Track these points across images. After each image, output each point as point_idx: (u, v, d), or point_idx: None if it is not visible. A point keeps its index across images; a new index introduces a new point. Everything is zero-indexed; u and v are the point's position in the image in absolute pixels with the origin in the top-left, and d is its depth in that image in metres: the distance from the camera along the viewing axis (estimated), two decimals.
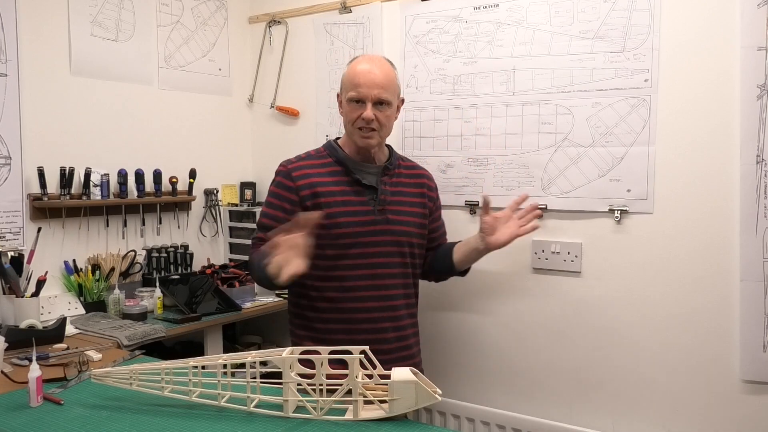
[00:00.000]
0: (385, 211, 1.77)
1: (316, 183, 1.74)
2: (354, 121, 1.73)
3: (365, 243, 1.74)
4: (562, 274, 2.18)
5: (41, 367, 1.37)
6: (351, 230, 1.72)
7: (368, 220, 1.74)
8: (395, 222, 1.78)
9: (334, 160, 1.79)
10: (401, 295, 1.82)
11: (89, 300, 2.25)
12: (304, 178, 1.75)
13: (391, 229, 1.77)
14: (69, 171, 2.25)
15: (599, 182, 2.10)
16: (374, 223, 1.74)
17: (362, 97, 1.71)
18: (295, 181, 1.75)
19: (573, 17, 2.12)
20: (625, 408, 2.09)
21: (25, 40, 2.18)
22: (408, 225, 1.81)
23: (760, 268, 1.84)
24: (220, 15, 2.88)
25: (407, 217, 1.82)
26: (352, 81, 1.74)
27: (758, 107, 1.82)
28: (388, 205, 1.78)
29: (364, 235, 1.73)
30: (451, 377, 2.41)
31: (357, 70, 1.74)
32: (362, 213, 1.74)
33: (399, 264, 1.80)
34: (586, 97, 2.10)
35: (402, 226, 1.80)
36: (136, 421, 1.22)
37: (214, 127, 2.86)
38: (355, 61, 1.79)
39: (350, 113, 1.74)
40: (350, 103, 1.74)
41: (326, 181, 1.75)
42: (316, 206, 1.70)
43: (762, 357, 1.86)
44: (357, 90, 1.72)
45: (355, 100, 1.72)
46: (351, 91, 1.73)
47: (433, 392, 1.18)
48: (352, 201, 1.74)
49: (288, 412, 1.22)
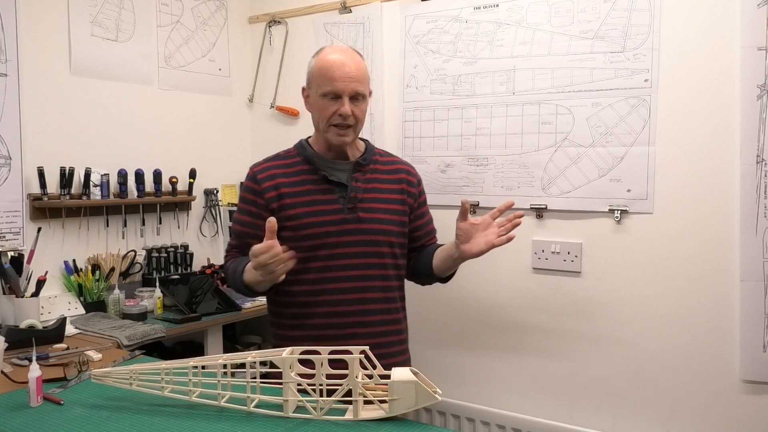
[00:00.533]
0: (356, 209, 1.64)
1: (281, 184, 1.65)
2: (329, 118, 1.62)
3: (335, 244, 1.62)
4: (562, 274, 2.18)
5: (41, 367, 1.37)
6: (318, 230, 1.61)
7: (337, 219, 1.62)
8: (369, 220, 1.65)
9: (303, 159, 1.69)
10: (378, 298, 1.67)
11: (89, 300, 2.25)
12: (269, 180, 1.66)
13: (365, 228, 1.64)
14: (69, 171, 2.25)
15: (599, 182, 2.10)
16: (344, 222, 1.62)
17: (339, 92, 1.60)
18: (260, 184, 1.66)
19: (573, 17, 2.12)
20: (625, 408, 2.09)
21: (25, 40, 2.18)
22: (385, 223, 1.67)
23: (760, 268, 1.84)
24: (220, 15, 2.88)
25: (384, 214, 1.68)
26: (326, 74, 1.61)
27: (758, 107, 1.82)
28: (360, 202, 1.65)
29: (333, 235, 1.62)
30: (450, 377, 2.41)
31: (329, 63, 1.62)
32: (330, 212, 1.63)
33: (376, 265, 1.66)
34: (586, 97, 2.10)
35: (377, 224, 1.66)
36: (136, 421, 1.22)
37: (214, 127, 2.86)
38: (324, 53, 1.67)
39: (324, 109, 1.62)
40: (324, 98, 1.62)
41: (292, 182, 1.66)
42: (281, 208, 1.62)
43: (762, 357, 1.85)
44: (332, 84, 1.60)
45: (330, 95, 1.61)
46: (325, 85, 1.61)
47: (433, 392, 1.17)
48: (319, 200, 1.63)
49: (288, 412, 1.22)
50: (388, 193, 1.71)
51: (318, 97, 1.63)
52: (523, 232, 2.24)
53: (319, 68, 1.64)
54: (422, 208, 1.81)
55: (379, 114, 2.58)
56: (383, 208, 1.69)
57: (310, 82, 1.67)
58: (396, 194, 1.72)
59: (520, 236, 2.24)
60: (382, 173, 1.73)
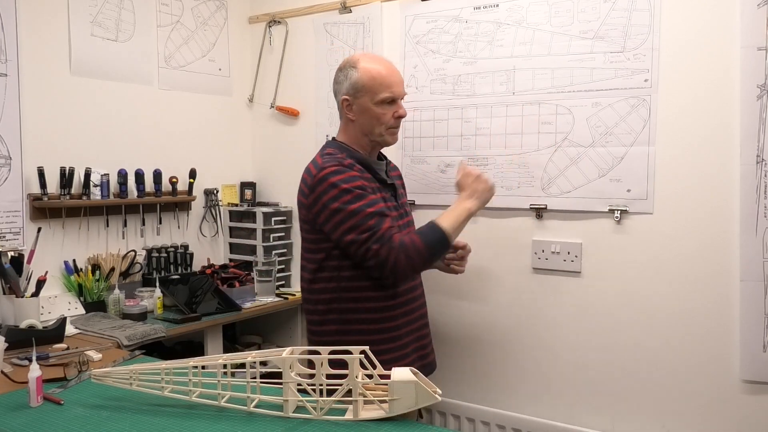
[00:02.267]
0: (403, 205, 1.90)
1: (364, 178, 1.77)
2: (388, 122, 1.78)
3: None
4: (562, 274, 2.18)
5: (41, 367, 1.37)
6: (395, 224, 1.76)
7: (397, 214, 1.81)
8: (406, 215, 1.89)
9: (355, 160, 1.77)
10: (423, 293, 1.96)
11: (89, 300, 2.25)
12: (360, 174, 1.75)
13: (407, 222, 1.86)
14: (69, 171, 2.25)
15: (599, 182, 2.10)
16: (400, 217, 1.82)
17: (397, 96, 1.78)
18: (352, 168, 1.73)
19: (573, 17, 2.12)
20: (625, 408, 2.09)
21: (25, 40, 2.18)
22: (410, 216, 1.93)
23: (760, 268, 1.84)
24: (220, 15, 2.87)
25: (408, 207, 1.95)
26: (384, 82, 1.76)
27: (758, 107, 1.82)
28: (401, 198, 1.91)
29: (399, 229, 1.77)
30: (451, 377, 2.41)
31: (383, 71, 1.78)
32: (393, 209, 1.80)
33: None
34: (586, 97, 2.10)
35: (408, 218, 1.91)
36: (136, 421, 1.22)
37: (214, 127, 2.86)
38: (366, 62, 1.79)
39: (383, 115, 1.77)
40: (382, 105, 1.76)
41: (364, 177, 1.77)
42: None
43: (762, 357, 1.86)
44: (392, 90, 1.76)
45: (389, 100, 1.77)
46: (385, 92, 1.76)
47: (433, 392, 1.18)
48: (386, 197, 1.80)
49: (288, 412, 1.22)
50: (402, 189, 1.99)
51: (374, 104, 1.77)
52: (523, 232, 2.25)
53: (371, 77, 1.76)
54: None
55: None
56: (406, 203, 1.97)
57: (359, 91, 1.77)
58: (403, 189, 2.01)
59: (521, 236, 2.25)
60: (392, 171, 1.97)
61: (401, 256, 1.62)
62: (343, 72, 1.81)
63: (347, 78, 1.79)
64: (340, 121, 1.88)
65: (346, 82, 1.79)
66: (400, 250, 1.62)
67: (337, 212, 1.65)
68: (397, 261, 1.62)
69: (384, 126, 1.79)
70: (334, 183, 1.66)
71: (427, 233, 1.69)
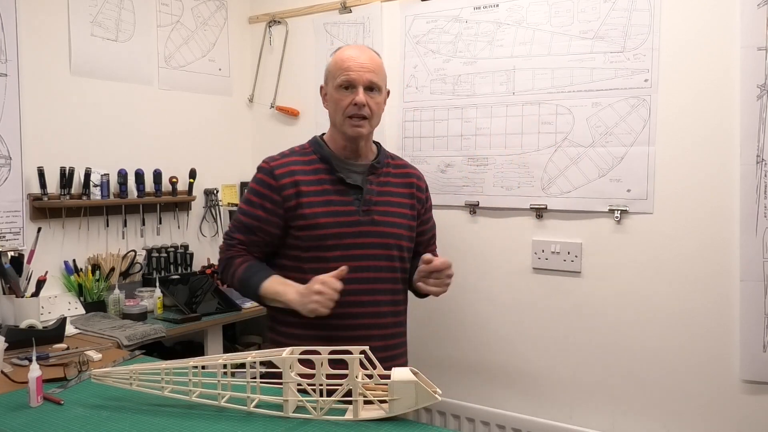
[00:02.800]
0: (371, 212, 1.66)
1: (299, 182, 1.64)
2: (344, 109, 1.63)
3: (349, 245, 1.63)
4: (562, 274, 2.18)
5: (41, 367, 1.37)
6: (333, 231, 1.62)
7: (352, 220, 1.63)
8: (382, 223, 1.67)
9: (319, 158, 1.68)
10: (388, 301, 1.69)
11: (89, 300, 2.25)
12: (288, 176, 1.64)
13: (378, 231, 1.66)
14: (69, 171, 2.25)
15: (599, 182, 2.10)
16: (359, 224, 1.64)
17: (353, 82, 1.62)
18: (278, 180, 1.64)
19: (573, 17, 2.12)
20: (625, 408, 2.09)
21: (25, 40, 2.18)
22: (396, 227, 1.70)
23: (760, 268, 1.84)
24: (220, 15, 2.87)
25: (395, 218, 1.70)
26: (341, 66, 1.63)
27: (758, 107, 1.82)
28: (374, 205, 1.67)
29: (348, 236, 1.63)
30: (451, 377, 2.41)
31: (345, 56, 1.65)
32: (345, 213, 1.64)
33: (386, 268, 1.68)
34: (586, 97, 2.10)
35: (390, 227, 1.68)
36: (136, 421, 1.22)
37: (214, 127, 2.86)
38: (341, 50, 1.69)
39: (340, 101, 1.63)
40: (339, 90, 1.63)
41: (309, 180, 1.65)
42: (298, 206, 1.62)
43: (762, 357, 1.85)
44: (347, 74, 1.61)
45: (344, 86, 1.62)
46: (340, 76, 1.62)
47: (433, 392, 1.18)
48: (335, 201, 1.64)
49: (288, 412, 1.22)
50: (400, 197, 1.73)
51: (334, 90, 1.65)
52: (523, 232, 2.25)
53: (335, 62, 1.66)
54: (428, 214, 1.84)
55: None
56: (395, 212, 1.71)
57: (327, 77, 1.69)
58: (406, 199, 1.75)
59: (521, 236, 2.25)
60: (395, 177, 1.75)
61: (222, 267, 1.72)
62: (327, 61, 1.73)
63: (326, 66, 1.71)
64: None
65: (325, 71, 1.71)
66: (225, 263, 1.70)
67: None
68: (221, 265, 1.73)
69: (341, 114, 1.63)
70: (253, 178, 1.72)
71: (250, 278, 1.63)
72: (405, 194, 1.75)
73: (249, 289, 1.64)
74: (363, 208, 1.65)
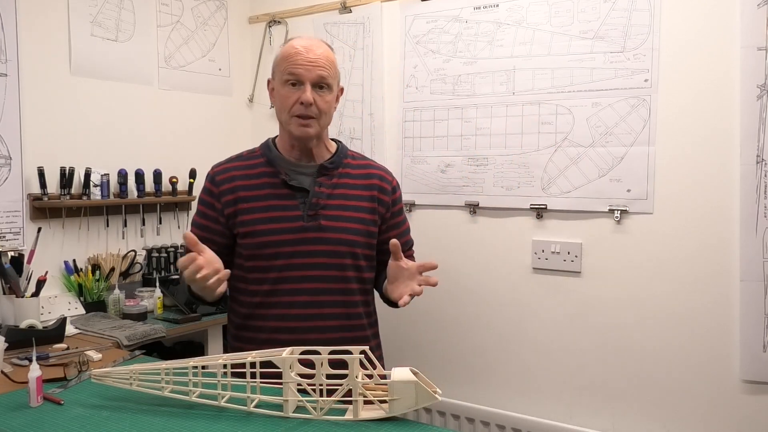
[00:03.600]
0: (317, 217, 1.52)
1: (238, 187, 1.55)
2: (290, 108, 1.51)
3: (291, 253, 1.51)
4: (562, 274, 2.18)
5: (41, 367, 1.37)
6: (273, 239, 1.50)
7: (295, 227, 1.51)
8: (331, 229, 1.53)
9: (266, 161, 1.58)
10: (339, 314, 1.54)
11: (89, 300, 2.25)
12: (228, 182, 1.56)
13: (326, 237, 1.52)
14: (69, 171, 2.25)
15: (599, 182, 2.10)
16: (303, 230, 1.51)
17: (300, 78, 1.49)
18: (218, 186, 1.57)
19: (573, 17, 2.12)
20: (625, 408, 2.09)
21: (25, 40, 2.18)
22: (349, 232, 1.55)
23: (760, 268, 1.84)
24: (220, 15, 2.87)
25: (349, 223, 1.55)
26: (289, 60, 1.51)
27: (758, 107, 1.82)
28: (323, 209, 1.53)
29: (290, 244, 1.51)
30: (451, 377, 2.41)
31: (293, 49, 1.51)
32: (288, 219, 1.52)
33: (335, 278, 1.54)
34: (586, 97, 2.10)
35: (340, 233, 1.54)
36: (136, 421, 1.22)
37: (214, 127, 2.86)
38: (290, 41, 1.56)
39: (286, 98, 1.51)
40: (285, 86, 1.51)
41: (251, 185, 1.55)
42: (236, 213, 1.53)
43: (762, 357, 1.85)
44: (294, 69, 1.49)
45: (291, 81, 1.50)
46: (287, 72, 1.50)
47: (433, 392, 1.17)
48: (276, 206, 1.52)
49: (288, 412, 1.22)
50: (356, 200, 1.58)
51: (280, 85, 1.53)
52: (523, 232, 2.25)
53: (282, 55, 1.54)
54: (397, 217, 1.67)
55: (379, 114, 2.58)
56: (349, 216, 1.56)
57: (274, 71, 1.57)
58: (365, 201, 1.59)
59: (521, 236, 2.25)
60: (352, 178, 1.60)
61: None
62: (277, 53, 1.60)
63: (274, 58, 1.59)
64: None
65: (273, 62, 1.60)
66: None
67: None
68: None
69: (287, 112, 1.52)
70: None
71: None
72: (364, 197, 1.60)
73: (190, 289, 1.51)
74: (309, 213, 1.53)
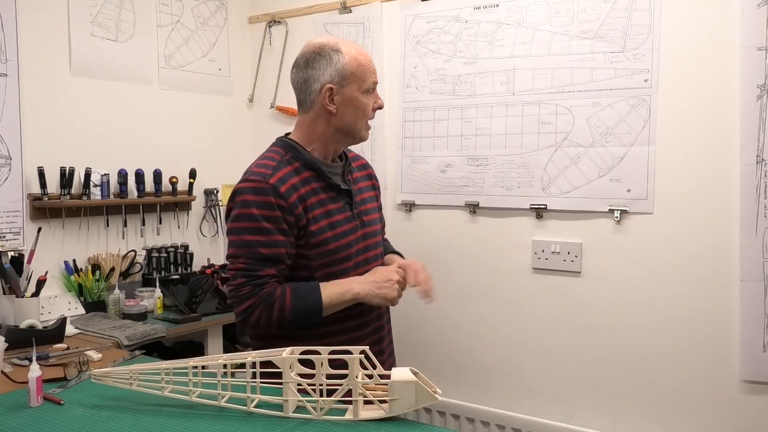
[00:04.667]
0: (361, 214, 1.57)
1: (302, 196, 1.47)
2: (369, 114, 1.55)
3: (356, 253, 1.54)
4: (562, 274, 2.18)
5: (41, 367, 1.37)
6: (342, 243, 1.50)
7: (352, 227, 1.54)
8: (369, 223, 1.59)
9: (302, 164, 1.51)
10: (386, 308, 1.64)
11: (89, 300, 2.25)
12: (293, 192, 1.45)
13: (369, 232, 1.58)
14: (69, 171, 2.25)
15: (599, 182, 2.10)
16: (355, 230, 1.54)
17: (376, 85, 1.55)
18: (286, 199, 1.44)
19: (573, 17, 2.12)
20: (625, 408, 2.09)
21: (25, 40, 2.18)
22: (376, 224, 1.63)
23: (760, 268, 1.84)
24: (220, 15, 2.88)
25: (373, 214, 1.63)
26: (369, 68, 1.52)
27: (758, 107, 1.82)
28: (361, 205, 1.59)
29: (354, 244, 1.54)
30: (451, 377, 2.41)
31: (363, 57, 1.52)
32: (346, 221, 1.53)
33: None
34: (586, 97, 2.10)
35: (374, 226, 1.61)
36: (136, 421, 1.22)
37: (214, 127, 2.86)
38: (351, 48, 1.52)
39: (368, 106, 1.53)
40: (367, 94, 1.52)
41: (308, 191, 1.48)
42: (308, 223, 1.47)
43: (762, 357, 1.85)
44: (375, 77, 1.53)
45: (372, 88, 1.54)
46: (370, 79, 1.52)
47: (433, 392, 1.17)
48: (333, 210, 1.51)
49: (288, 412, 1.22)
50: (368, 192, 1.66)
51: (360, 93, 1.51)
52: (523, 232, 2.25)
53: (359, 63, 1.50)
54: (380, 199, 1.75)
55: (379, 114, 2.57)
56: (371, 208, 1.64)
57: (346, 78, 1.49)
58: (371, 191, 1.68)
59: (521, 236, 2.25)
60: (357, 170, 1.66)
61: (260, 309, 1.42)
62: (324, 57, 1.49)
63: (330, 63, 1.49)
64: (303, 115, 1.54)
65: (329, 68, 1.49)
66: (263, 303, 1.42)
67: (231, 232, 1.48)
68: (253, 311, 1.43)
69: (365, 120, 1.55)
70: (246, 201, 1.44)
71: (300, 300, 1.43)
72: (369, 187, 1.68)
73: (307, 311, 1.44)
74: (356, 212, 1.56)
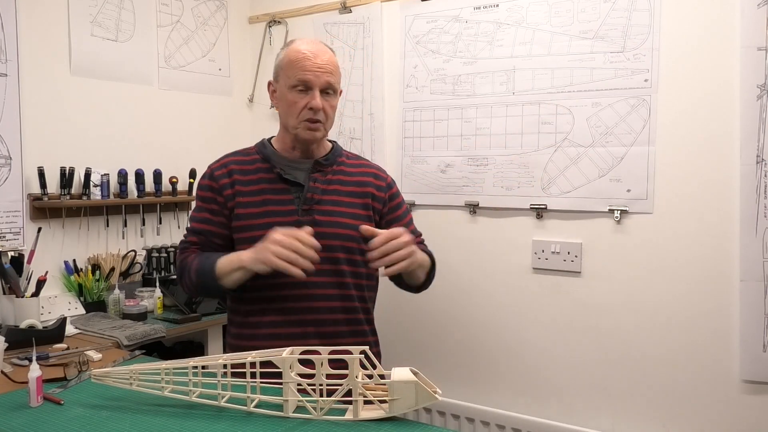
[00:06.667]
0: (312, 211, 1.54)
1: (237, 181, 1.58)
2: (299, 113, 1.54)
3: None
4: (562, 274, 2.18)
5: (41, 367, 1.37)
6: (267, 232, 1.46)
7: (290, 221, 1.51)
8: (325, 223, 1.53)
9: (261, 157, 1.62)
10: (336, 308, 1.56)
11: (89, 300, 2.25)
12: (226, 177, 1.59)
13: (320, 232, 1.48)
14: (69, 171, 2.25)
15: (599, 182, 2.10)
16: (298, 224, 1.48)
17: (309, 84, 1.52)
18: (218, 181, 1.59)
19: (573, 17, 2.12)
20: (625, 408, 2.09)
21: (25, 40, 2.18)
22: (342, 227, 1.56)
23: (760, 268, 1.84)
24: (220, 15, 2.88)
25: (342, 218, 1.56)
26: (297, 65, 1.53)
27: (758, 107, 1.82)
28: (317, 204, 1.55)
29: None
30: (450, 377, 2.41)
31: (301, 53, 1.53)
32: (283, 213, 1.53)
33: (331, 272, 1.54)
34: (586, 97, 2.10)
35: (335, 228, 1.55)
36: (136, 421, 1.22)
37: (214, 127, 2.86)
38: (295, 44, 1.58)
39: (294, 103, 1.54)
40: (293, 91, 1.53)
41: (247, 180, 1.58)
42: (235, 206, 1.56)
43: (762, 357, 1.85)
44: (304, 76, 1.52)
45: (300, 87, 1.53)
46: (296, 76, 1.52)
47: (433, 392, 1.17)
48: (271, 200, 1.55)
49: (288, 412, 1.22)
50: (350, 197, 1.61)
51: (287, 89, 1.55)
52: (523, 232, 2.25)
53: (290, 59, 1.55)
54: (396, 212, 1.68)
55: (379, 114, 2.58)
56: (342, 211, 1.58)
57: (278, 74, 1.59)
58: (359, 198, 1.62)
59: (521, 236, 2.25)
60: (347, 175, 1.63)
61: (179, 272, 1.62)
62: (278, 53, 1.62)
63: (276, 59, 1.61)
64: None
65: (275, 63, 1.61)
66: (180, 264, 1.61)
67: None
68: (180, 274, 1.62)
69: (296, 117, 1.54)
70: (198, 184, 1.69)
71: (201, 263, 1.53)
72: (357, 193, 1.62)
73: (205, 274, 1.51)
74: (303, 207, 1.55)
